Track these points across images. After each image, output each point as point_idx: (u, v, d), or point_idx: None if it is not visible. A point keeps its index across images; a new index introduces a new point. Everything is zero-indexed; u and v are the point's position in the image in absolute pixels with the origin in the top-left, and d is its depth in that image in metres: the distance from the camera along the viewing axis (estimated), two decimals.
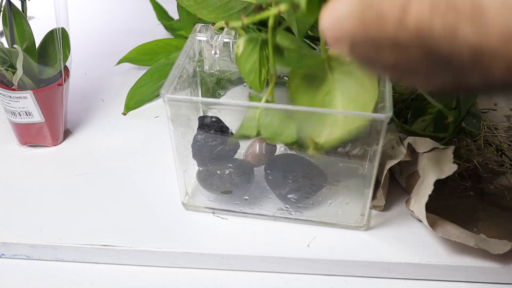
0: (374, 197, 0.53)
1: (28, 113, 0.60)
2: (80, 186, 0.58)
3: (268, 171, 0.53)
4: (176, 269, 0.51)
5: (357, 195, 0.53)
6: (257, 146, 0.52)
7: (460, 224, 0.51)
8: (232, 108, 0.48)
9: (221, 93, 0.58)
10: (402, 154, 0.52)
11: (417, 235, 0.52)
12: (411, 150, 0.53)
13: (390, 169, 0.56)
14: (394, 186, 0.57)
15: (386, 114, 0.44)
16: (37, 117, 0.60)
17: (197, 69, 0.56)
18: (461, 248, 0.51)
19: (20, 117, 0.60)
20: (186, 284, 0.50)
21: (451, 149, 0.50)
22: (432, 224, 0.49)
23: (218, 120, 0.50)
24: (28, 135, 0.63)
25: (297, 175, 0.52)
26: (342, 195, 0.54)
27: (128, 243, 0.51)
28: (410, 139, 0.53)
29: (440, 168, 0.50)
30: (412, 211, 0.51)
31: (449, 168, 0.49)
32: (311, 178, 0.52)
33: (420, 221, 0.52)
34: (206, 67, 0.56)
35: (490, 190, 0.57)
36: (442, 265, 0.49)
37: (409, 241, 0.52)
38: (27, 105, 0.59)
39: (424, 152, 0.52)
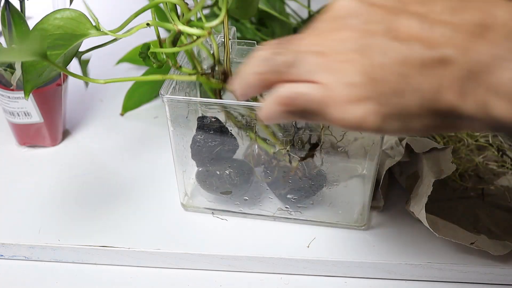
0: (373, 197, 0.53)
1: (26, 114, 0.60)
2: (78, 186, 0.58)
3: (268, 171, 0.52)
4: (175, 270, 0.51)
5: (357, 195, 0.53)
6: (257, 146, 0.52)
7: (461, 225, 0.50)
8: (231, 108, 0.48)
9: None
10: (400, 154, 0.52)
11: (417, 236, 0.52)
12: (410, 150, 0.53)
13: (390, 170, 0.56)
14: (394, 186, 0.57)
15: None
16: (35, 117, 0.60)
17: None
18: (461, 249, 0.50)
19: (18, 117, 0.60)
20: (185, 285, 0.50)
21: (450, 148, 0.50)
22: (432, 225, 0.49)
23: (217, 120, 0.50)
24: (27, 136, 0.62)
25: (297, 175, 0.51)
26: (342, 195, 0.53)
27: (127, 244, 0.51)
28: (408, 139, 0.52)
29: (439, 168, 0.50)
30: (412, 212, 0.51)
31: (448, 168, 0.49)
32: (310, 178, 0.52)
33: (421, 221, 0.52)
34: (205, 67, 0.56)
35: (491, 191, 0.57)
36: (442, 266, 0.49)
37: (409, 241, 0.51)
38: (25, 105, 0.59)
39: (423, 153, 0.52)
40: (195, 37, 0.45)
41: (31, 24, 0.57)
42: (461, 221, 0.52)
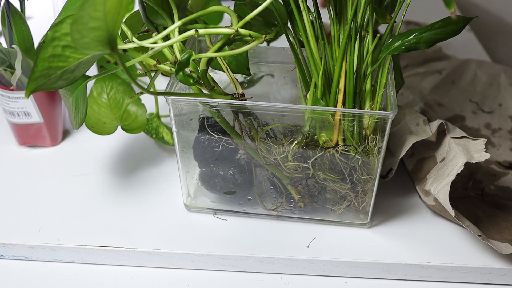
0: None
1: (26, 114, 0.60)
2: (79, 186, 0.58)
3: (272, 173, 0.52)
4: (175, 270, 0.51)
5: (361, 193, 0.53)
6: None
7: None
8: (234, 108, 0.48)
9: None
10: (426, 133, 0.52)
11: (417, 236, 0.52)
12: (440, 131, 0.53)
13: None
14: (399, 184, 0.57)
15: (392, 111, 0.44)
16: (35, 117, 0.60)
17: None
18: (461, 249, 0.51)
19: (18, 117, 0.60)
20: (185, 285, 0.50)
21: (482, 141, 0.51)
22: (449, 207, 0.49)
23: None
24: (27, 136, 0.62)
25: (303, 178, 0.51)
26: (346, 193, 0.53)
27: (127, 244, 0.51)
28: (442, 121, 0.53)
29: (470, 154, 0.50)
30: (427, 191, 0.51)
31: (480, 156, 0.49)
32: (314, 177, 0.51)
33: (420, 222, 0.52)
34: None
35: (491, 191, 0.57)
36: (442, 266, 0.49)
37: (410, 241, 0.51)
38: (25, 105, 0.59)
39: (452, 138, 0.52)
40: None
41: (31, 24, 0.58)
42: None
